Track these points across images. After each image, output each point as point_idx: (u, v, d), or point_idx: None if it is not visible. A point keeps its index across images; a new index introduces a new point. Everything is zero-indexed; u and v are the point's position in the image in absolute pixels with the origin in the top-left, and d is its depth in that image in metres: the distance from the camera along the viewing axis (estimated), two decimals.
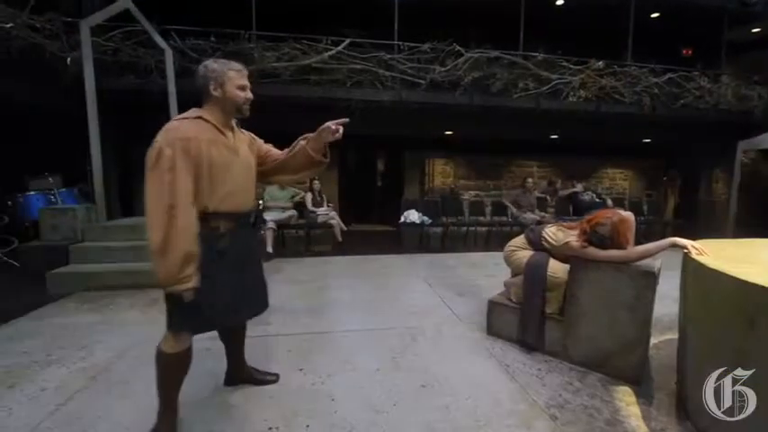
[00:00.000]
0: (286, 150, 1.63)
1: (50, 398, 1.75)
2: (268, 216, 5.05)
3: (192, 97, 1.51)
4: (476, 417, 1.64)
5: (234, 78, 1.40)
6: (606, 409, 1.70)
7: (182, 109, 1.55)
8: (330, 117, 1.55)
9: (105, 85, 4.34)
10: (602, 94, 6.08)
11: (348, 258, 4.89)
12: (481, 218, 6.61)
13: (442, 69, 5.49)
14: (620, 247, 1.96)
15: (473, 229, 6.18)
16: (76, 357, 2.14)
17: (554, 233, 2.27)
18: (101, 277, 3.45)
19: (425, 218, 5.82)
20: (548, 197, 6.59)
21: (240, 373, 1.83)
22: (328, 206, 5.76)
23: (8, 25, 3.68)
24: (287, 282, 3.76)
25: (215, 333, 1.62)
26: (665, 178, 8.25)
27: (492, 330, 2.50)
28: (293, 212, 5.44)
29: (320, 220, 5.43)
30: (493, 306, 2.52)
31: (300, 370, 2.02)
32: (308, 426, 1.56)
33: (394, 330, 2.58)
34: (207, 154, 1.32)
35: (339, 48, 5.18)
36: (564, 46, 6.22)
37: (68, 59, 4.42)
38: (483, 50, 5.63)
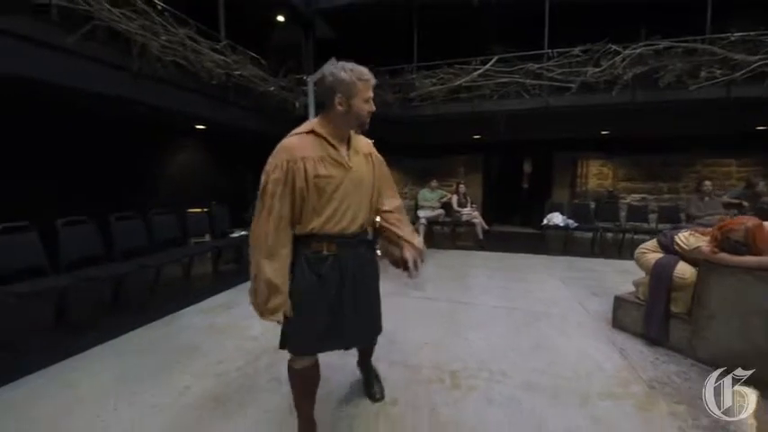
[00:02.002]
0: (397, 207, 1.54)
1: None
2: (421, 213, 6.16)
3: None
4: (577, 372, 2.12)
5: (362, 91, 1.27)
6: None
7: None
8: (476, 127, 1.70)
9: None
10: None
11: (488, 254, 5.48)
12: (644, 224, 6.00)
13: (596, 70, 5.37)
14: (759, 253, 2.00)
15: (630, 236, 5.72)
16: None
17: (686, 238, 2.38)
18: None
19: (570, 221, 5.79)
20: (744, 203, 5.40)
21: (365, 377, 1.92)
22: (472, 206, 6.44)
23: (271, 88, 5.88)
24: (436, 266, 4.70)
25: None
26: None
27: (617, 324, 2.75)
28: (441, 211, 6.39)
29: (464, 218, 6.19)
30: (620, 302, 2.76)
31: (448, 323, 2.87)
32: (449, 349, 2.39)
33: (521, 311, 3.13)
34: (314, 173, 1.25)
35: (487, 66, 5.78)
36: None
37: (297, 104, 6.58)
38: (648, 42, 5.20)
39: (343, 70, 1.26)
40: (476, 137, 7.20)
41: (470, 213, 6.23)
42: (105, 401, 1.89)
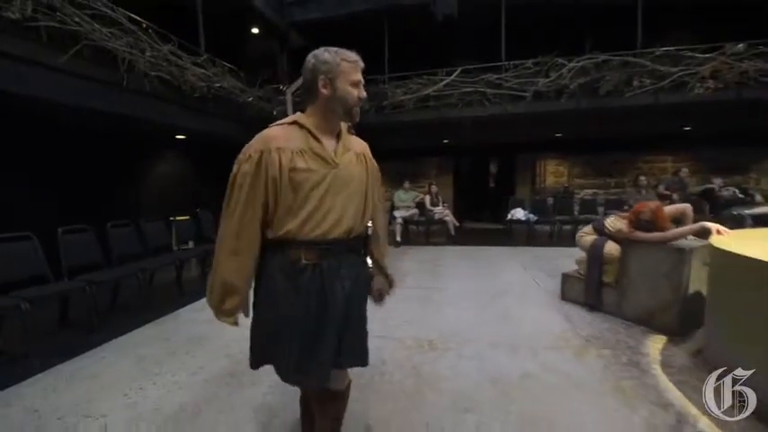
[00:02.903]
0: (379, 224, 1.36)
1: None
2: (397, 213, 6.59)
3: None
4: (530, 332, 2.61)
5: (347, 72, 1.13)
6: (634, 342, 2.41)
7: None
8: (445, 133, 2.07)
9: None
10: (745, 79, 5.55)
11: (459, 248, 5.99)
12: (594, 216, 6.74)
13: (546, 80, 6.04)
14: (662, 229, 2.57)
15: (582, 227, 6.42)
16: None
17: (613, 222, 2.94)
18: None
19: (531, 215, 6.42)
20: (674, 195, 6.24)
21: None
22: (443, 205, 6.95)
23: (250, 99, 6.13)
24: (412, 261, 5.14)
25: None
26: None
27: (564, 296, 3.29)
28: (415, 211, 6.87)
29: (437, 217, 6.68)
30: (565, 278, 3.30)
31: (424, 304, 3.29)
32: (427, 324, 2.82)
33: (486, 291, 3.62)
34: (289, 166, 1.10)
35: (452, 77, 6.34)
36: (690, 34, 5.91)
37: (275, 112, 6.86)
38: (590, 56, 5.93)
39: (326, 51, 1.14)
40: (445, 141, 7.76)
41: (442, 212, 6.74)
42: (129, 383, 2.15)
